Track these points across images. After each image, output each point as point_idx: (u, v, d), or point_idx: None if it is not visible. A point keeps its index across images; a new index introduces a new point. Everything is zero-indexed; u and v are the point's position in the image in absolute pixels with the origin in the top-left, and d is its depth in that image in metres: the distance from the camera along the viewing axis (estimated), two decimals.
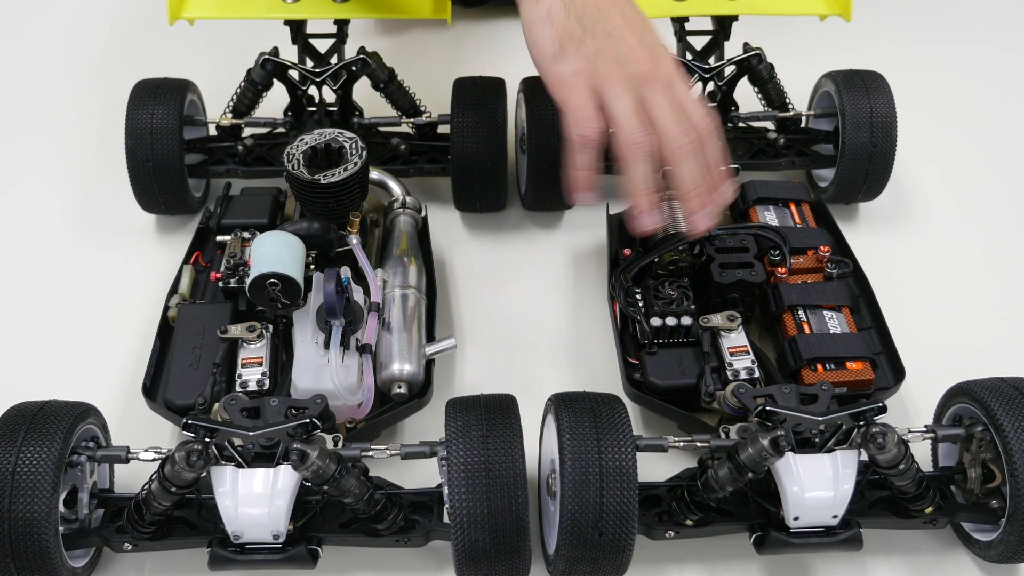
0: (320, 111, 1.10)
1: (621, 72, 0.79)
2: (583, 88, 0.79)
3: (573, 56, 0.78)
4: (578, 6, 0.79)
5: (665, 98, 0.80)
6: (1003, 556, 0.79)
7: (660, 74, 0.81)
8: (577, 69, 0.78)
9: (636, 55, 0.79)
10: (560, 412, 0.75)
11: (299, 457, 0.72)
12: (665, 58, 0.82)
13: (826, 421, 0.77)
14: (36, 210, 1.15)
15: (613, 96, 0.79)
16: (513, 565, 0.74)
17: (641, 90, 0.80)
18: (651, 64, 0.80)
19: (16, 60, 1.37)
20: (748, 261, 0.93)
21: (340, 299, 0.83)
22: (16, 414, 0.76)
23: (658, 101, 0.80)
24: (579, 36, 0.78)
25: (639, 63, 0.79)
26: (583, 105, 0.79)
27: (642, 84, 0.80)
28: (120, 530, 0.78)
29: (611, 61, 0.79)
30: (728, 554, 0.83)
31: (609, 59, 0.79)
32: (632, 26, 0.81)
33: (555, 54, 0.79)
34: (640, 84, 0.80)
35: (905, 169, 1.18)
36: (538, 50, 0.80)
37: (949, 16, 1.47)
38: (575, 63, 0.78)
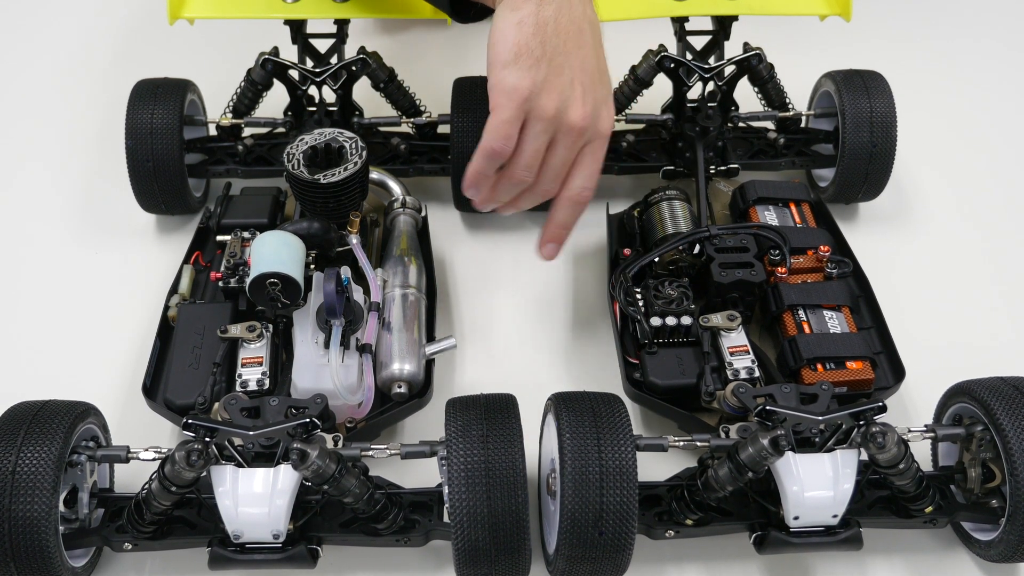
0: (320, 111, 1.10)
1: (555, 113, 0.80)
2: (518, 108, 0.80)
3: (522, 72, 0.79)
4: (548, 33, 0.80)
5: (568, 156, 0.84)
6: (1003, 556, 0.79)
7: (587, 133, 0.83)
8: (521, 85, 0.79)
9: (576, 106, 0.81)
10: (560, 412, 0.75)
11: (299, 457, 0.72)
12: (602, 119, 0.84)
13: (826, 421, 0.77)
14: (36, 210, 1.15)
15: (533, 131, 0.81)
16: (513, 565, 0.74)
17: (559, 136, 0.82)
18: (585, 121, 0.82)
19: (16, 60, 1.37)
20: (748, 261, 0.93)
21: (340, 299, 0.83)
22: (16, 414, 0.76)
23: (560, 155, 0.83)
24: (537, 56, 0.79)
25: (575, 114, 0.81)
26: (507, 122, 0.80)
27: (564, 133, 0.82)
28: (120, 530, 0.78)
29: (554, 99, 0.80)
30: (728, 554, 0.83)
31: (553, 96, 0.80)
32: (587, 76, 0.82)
33: (506, 61, 0.80)
34: (563, 132, 0.82)
35: (905, 169, 1.18)
36: (495, 50, 0.81)
37: (949, 16, 1.47)
38: (521, 78, 0.79)
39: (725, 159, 1.09)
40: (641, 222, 1.01)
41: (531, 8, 0.80)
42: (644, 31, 1.09)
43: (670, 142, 1.11)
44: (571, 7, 0.81)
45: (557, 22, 0.80)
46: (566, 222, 0.88)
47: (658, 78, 1.08)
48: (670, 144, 1.11)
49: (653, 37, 1.10)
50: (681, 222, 0.99)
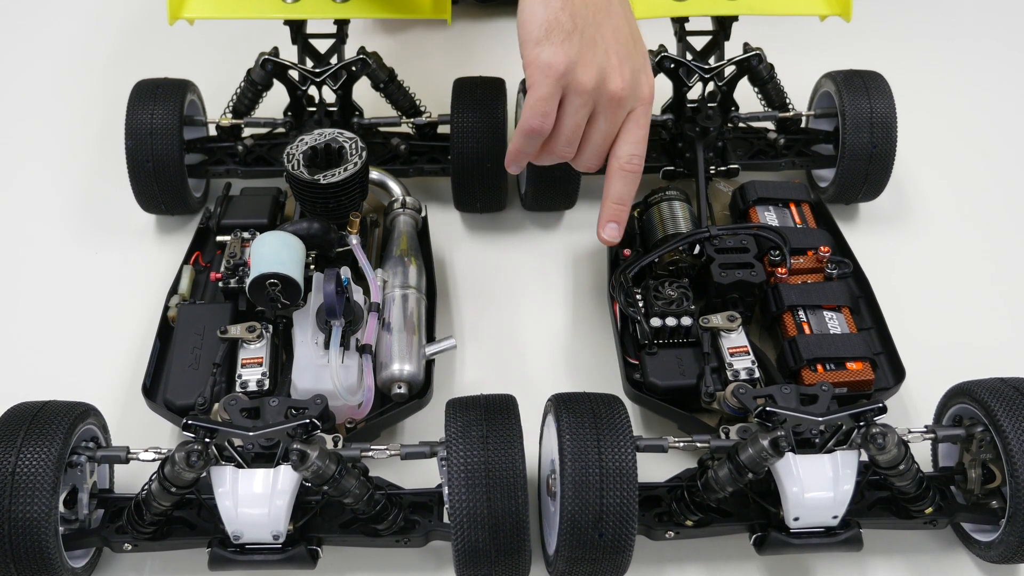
0: (320, 111, 1.10)
1: (593, 85, 0.80)
2: (554, 83, 0.79)
3: (556, 47, 0.78)
4: (576, 5, 0.79)
5: (609, 128, 0.82)
6: (1003, 556, 0.79)
7: (628, 101, 0.82)
8: (556, 61, 0.78)
9: (615, 75, 0.80)
10: (560, 412, 0.75)
11: (299, 457, 0.72)
12: (643, 85, 0.83)
13: (826, 421, 0.77)
14: (36, 210, 1.15)
15: (572, 105, 0.80)
16: (513, 565, 0.74)
17: (599, 108, 0.81)
18: (624, 91, 0.81)
19: (16, 60, 1.37)
20: (748, 261, 0.93)
21: (340, 299, 0.83)
22: (16, 414, 0.76)
23: (601, 127, 0.82)
24: (568, 30, 0.78)
25: (614, 83, 0.80)
26: (545, 99, 0.80)
27: (604, 104, 0.81)
28: (120, 530, 0.78)
29: (590, 71, 0.79)
30: (728, 554, 0.83)
31: (589, 68, 0.79)
32: (621, 44, 0.81)
33: (539, 38, 0.79)
34: (603, 103, 0.81)
35: (905, 169, 1.18)
36: (525, 28, 0.80)
37: (949, 16, 1.47)
38: (555, 54, 0.78)
39: (725, 159, 1.09)
40: (641, 222, 1.01)
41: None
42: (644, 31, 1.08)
43: (670, 142, 1.11)
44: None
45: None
46: (623, 196, 0.85)
47: (658, 78, 1.08)
48: (670, 144, 1.11)
49: (653, 37, 1.10)
50: (681, 222, 0.99)
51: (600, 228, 0.86)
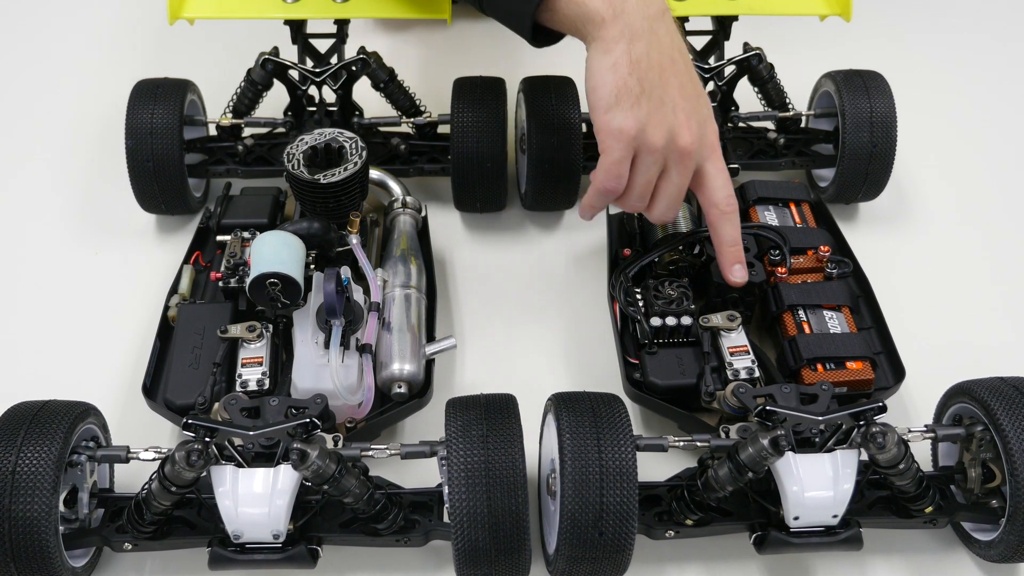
0: (320, 111, 1.10)
1: (663, 144, 0.83)
2: (627, 147, 0.82)
3: (626, 112, 0.82)
4: (642, 68, 0.82)
5: (682, 182, 0.86)
6: (1003, 556, 0.79)
7: (697, 154, 0.85)
8: (627, 126, 0.82)
9: (683, 131, 0.83)
10: (560, 412, 0.75)
11: (299, 457, 0.72)
12: (709, 134, 0.86)
13: (826, 421, 0.77)
14: (36, 210, 1.15)
15: (644, 164, 0.84)
16: (513, 565, 0.74)
17: (670, 163, 0.85)
18: (693, 144, 0.84)
19: (16, 60, 1.37)
20: (748, 261, 0.93)
21: (340, 299, 0.83)
22: (16, 414, 0.76)
23: (674, 181, 0.86)
24: (636, 95, 0.81)
25: (682, 139, 0.83)
26: (618, 161, 0.83)
27: (675, 159, 0.84)
28: (120, 530, 0.78)
29: (660, 132, 0.82)
30: (728, 554, 0.83)
31: (658, 129, 0.82)
32: (687, 100, 0.84)
33: (609, 104, 0.82)
34: (673, 158, 0.84)
35: (905, 169, 1.18)
36: (595, 95, 0.83)
37: (949, 16, 1.47)
38: (626, 119, 0.82)
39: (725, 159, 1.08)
40: (641, 222, 1.01)
41: (623, 48, 0.81)
42: None
43: None
44: (659, 40, 0.83)
45: (649, 57, 0.82)
46: (734, 237, 0.89)
47: None
48: None
49: None
50: (681, 222, 0.99)
51: (727, 272, 0.90)
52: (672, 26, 0.85)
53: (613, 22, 0.82)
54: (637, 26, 0.82)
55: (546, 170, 1.05)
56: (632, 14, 0.82)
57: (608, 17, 0.82)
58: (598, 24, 0.82)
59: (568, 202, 1.10)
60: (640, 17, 0.82)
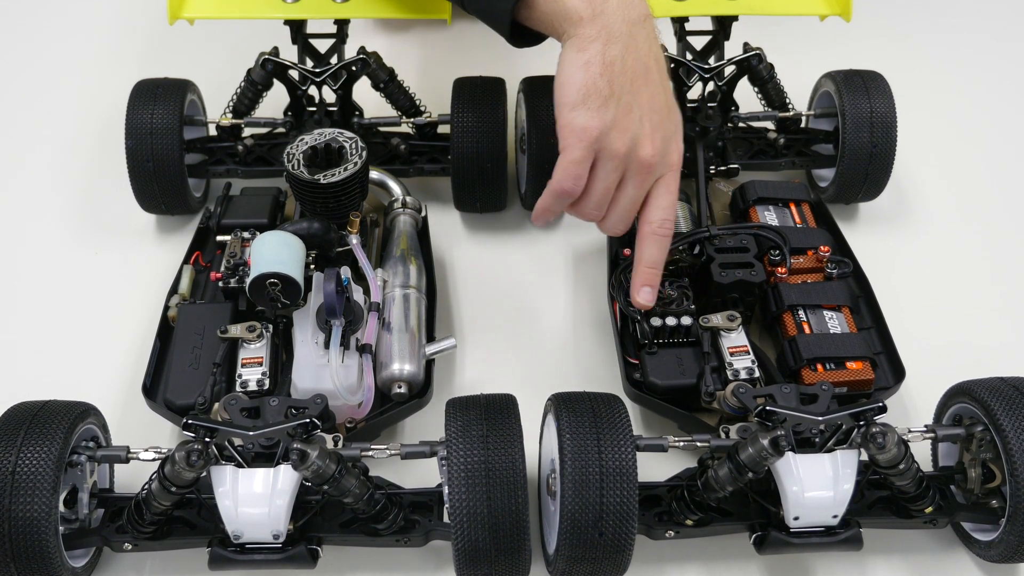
0: (320, 111, 1.10)
1: (625, 152, 0.81)
2: (587, 147, 0.80)
3: (592, 112, 0.80)
4: (615, 71, 0.80)
5: (637, 194, 0.84)
6: (1003, 556, 0.79)
7: (657, 169, 0.83)
8: (591, 126, 0.80)
9: (646, 143, 0.81)
10: (560, 412, 0.75)
11: (299, 457, 0.72)
12: (672, 152, 0.84)
13: (826, 421, 0.77)
14: (36, 210, 1.15)
15: (604, 170, 0.82)
16: (513, 565, 0.74)
17: (629, 173, 0.83)
18: (654, 158, 0.82)
19: (16, 60, 1.37)
20: (748, 261, 0.93)
21: (340, 299, 0.83)
22: (16, 414, 0.76)
23: (630, 192, 0.84)
24: (605, 97, 0.79)
25: (644, 151, 0.82)
26: (577, 162, 0.81)
27: (634, 170, 0.82)
28: (120, 530, 0.78)
29: (624, 138, 0.80)
30: (728, 554, 0.83)
31: (623, 135, 0.80)
32: (656, 112, 0.82)
33: (575, 102, 0.80)
34: (632, 168, 0.82)
35: (905, 169, 1.18)
36: (562, 91, 0.81)
37: (949, 16, 1.47)
38: (590, 119, 0.80)
39: (725, 159, 1.09)
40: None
41: (597, 48, 0.80)
42: None
43: None
44: (636, 46, 0.81)
45: (624, 61, 0.80)
46: (656, 260, 0.87)
47: None
48: None
49: None
50: (681, 222, 0.99)
51: (635, 293, 0.87)
52: (652, 33, 0.84)
53: (591, 22, 0.80)
54: (615, 29, 0.80)
55: (546, 170, 1.04)
56: (612, 16, 0.81)
57: (586, 16, 0.80)
58: (575, 23, 0.81)
59: None
60: (620, 20, 0.81)
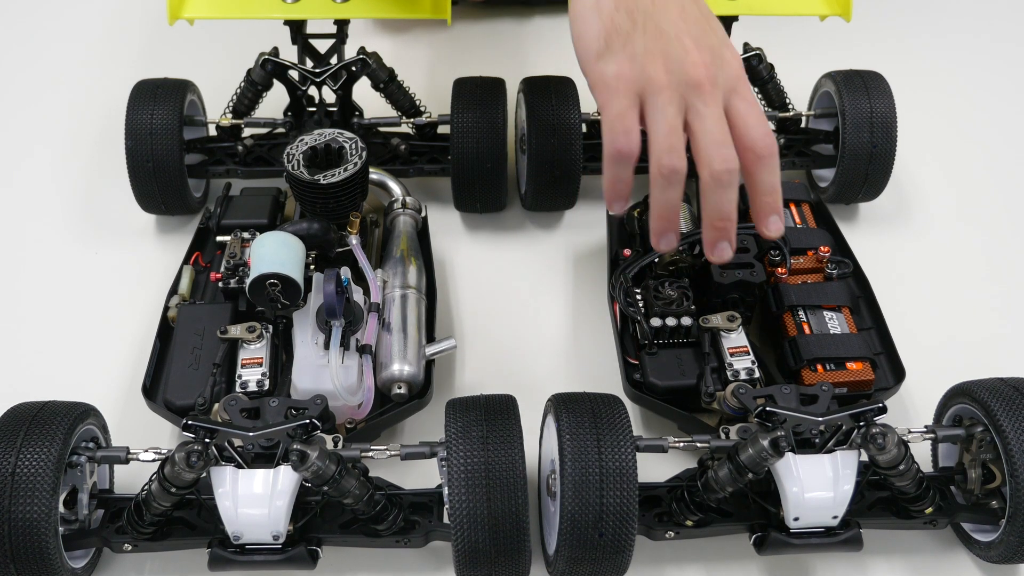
0: (320, 111, 1.10)
1: (670, 78, 0.71)
2: (625, 93, 0.71)
3: (619, 55, 0.71)
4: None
5: (714, 112, 0.72)
6: (1003, 557, 0.79)
7: (718, 81, 0.72)
8: (621, 71, 0.71)
9: (692, 58, 0.71)
10: (560, 412, 0.75)
11: (299, 458, 0.72)
12: (729, 62, 0.74)
13: (826, 422, 0.77)
14: (36, 210, 1.15)
15: (655, 107, 0.71)
16: (513, 565, 0.74)
17: (690, 99, 0.72)
18: (707, 69, 0.71)
19: (16, 60, 1.37)
20: (748, 261, 0.93)
21: (340, 299, 0.83)
22: (16, 414, 0.76)
23: (705, 115, 0.72)
24: (627, 32, 0.70)
25: (693, 67, 0.71)
26: (621, 114, 0.71)
27: (692, 93, 0.71)
28: (120, 530, 0.78)
29: (660, 64, 0.70)
30: (728, 554, 0.83)
31: (658, 62, 0.70)
32: (692, 23, 0.72)
33: (599, 51, 0.71)
34: (690, 93, 0.71)
35: (905, 169, 1.18)
36: (582, 44, 0.73)
37: (949, 16, 1.47)
38: (620, 64, 0.71)
39: None
40: (641, 222, 1.01)
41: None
42: None
43: None
44: None
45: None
46: (771, 184, 0.74)
47: None
48: None
49: None
50: (681, 223, 0.98)
51: (763, 224, 0.76)
52: None
53: None
54: None
55: (546, 170, 1.05)
56: None
57: None
58: None
59: (568, 202, 1.10)
60: None
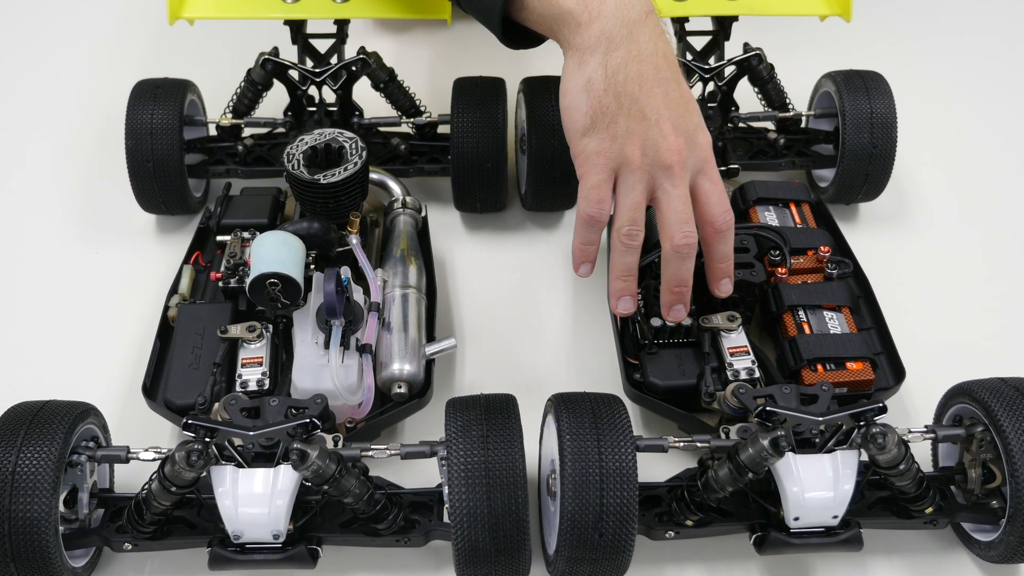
0: (320, 111, 1.10)
1: (643, 159, 0.77)
2: (602, 168, 0.77)
3: (602, 133, 0.77)
4: (619, 80, 0.76)
5: (680, 193, 0.79)
6: (1003, 556, 0.79)
7: (687, 164, 0.79)
8: (602, 148, 0.77)
9: (667, 143, 0.77)
10: (560, 412, 0.75)
11: (299, 457, 0.72)
12: (701, 144, 0.80)
13: (826, 421, 0.77)
14: (36, 210, 1.15)
15: (626, 185, 0.78)
16: (513, 565, 0.74)
17: (659, 180, 0.79)
18: (679, 155, 0.78)
19: (16, 60, 1.37)
20: (748, 261, 0.93)
21: (340, 299, 0.83)
22: (16, 414, 0.76)
23: (672, 195, 0.79)
24: (613, 113, 0.76)
25: (667, 152, 0.78)
26: (596, 186, 0.78)
27: (663, 175, 0.78)
28: (120, 530, 0.78)
29: (638, 146, 0.77)
30: (728, 554, 0.83)
31: (636, 144, 0.77)
32: (672, 109, 0.78)
33: (584, 128, 0.77)
34: (660, 174, 0.78)
35: (905, 169, 1.18)
36: (569, 118, 0.78)
37: (949, 16, 1.47)
38: (601, 141, 0.77)
39: (725, 159, 1.09)
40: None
41: (598, 60, 0.76)
42: None
43: None
44: (640, 47, 0.77)
45: (627, 68, 0.76)
46: (726, 253, 0.85)
47: None
48: None
49: None
50: None
51: (715, 287, 0.86)
52: (657, 29, 0.79)
53: (588, 26, 0.76)
54: (615, 33, 0.76)
55: (546, 170, 1.05)
56: (609, 19, 0.76)
57: (583, 21, 0.76)
58: (572, 28, 0.77)
59: (568, 202, 1.10)
60: (618, 22, 0.76)
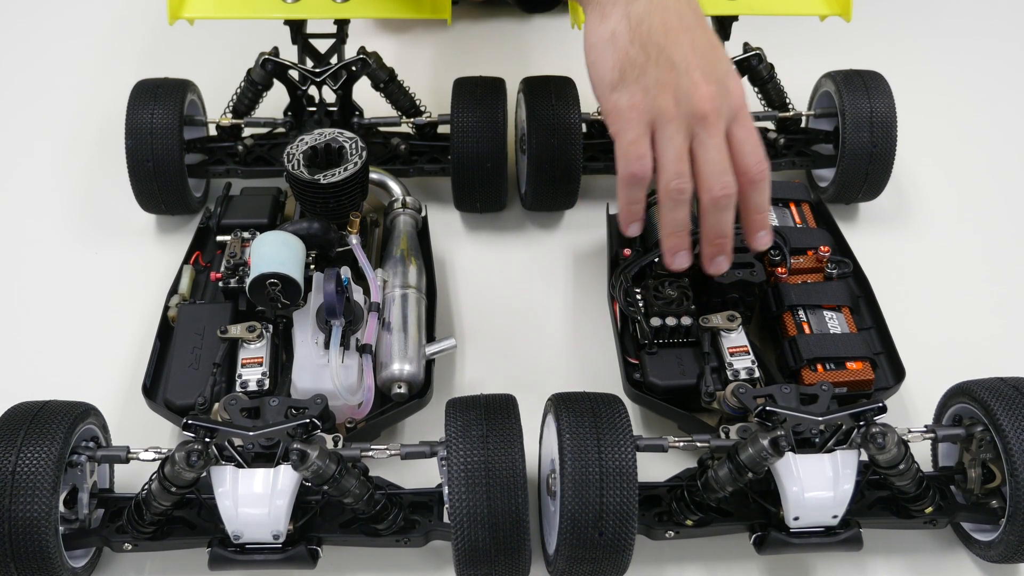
0: (320, 111, 1.10)
1: (678, 109, 0.76)
2: (637, 123, 0.76)
3: (632, 86, 0.75)
4: (644, 31, 0.75)
5: (716, 142, 0.78)
6: (1003, 556, 0.79)
7: (721, 112, 0.78)
8: (634, 102, 0.75)
9: (699, 91, 0.76)
10: (560, 412, 0.75)
11: (299, 457, 0.72)
12: (733, 91, 0.79)
13: (826, 421, 0.77)
14: (36, 210, 1.15)
15: (664, 137, 0.77)
16: (513, 565, 0.74)
17: (695, 129, 0.77)
18: (712, 103, 0.76)
19: (16, 60, 1.37)
20: (748, 261, 0.93)
21: (340, 299, 0.83)
22: (16, 414, 0.76)
23: (709, 145, 0.78)
24: (641, 64, 0.75)
25: (700, 101, 0.76)
26: (634, 141, 0.77)
27: (698, 123, 0.77)
28: (120, 530, 0.78)
29: (670, 96, 0.76)
30: (728, 554, 0.83)
31: (669, 94, 0.75)
32: (701, 56, 0.77)
33: (613, 82, 0.76)
34: (696, 123, 0.77)
35: (905, 169, 1.18)
36: (597, 74, 0.77)
37: (949, 16, 1.47)
38: (633, 95, 0.75)
39: None
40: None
41: (620, 11, 0.75)
42: None
43: None
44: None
45: (651, 17, 0.75)
46: (762, 204, 0.81)
47: None
48: None
49: None
50: None
51: (752, 238, 0.84)
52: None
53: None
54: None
55: (546, 170, 1.05)
56: None
57: None
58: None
59: (568, 202, 1.10)
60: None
